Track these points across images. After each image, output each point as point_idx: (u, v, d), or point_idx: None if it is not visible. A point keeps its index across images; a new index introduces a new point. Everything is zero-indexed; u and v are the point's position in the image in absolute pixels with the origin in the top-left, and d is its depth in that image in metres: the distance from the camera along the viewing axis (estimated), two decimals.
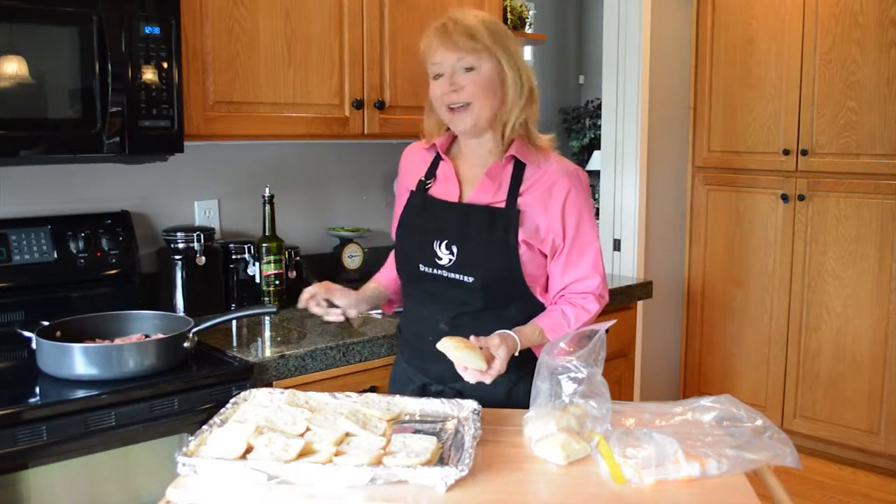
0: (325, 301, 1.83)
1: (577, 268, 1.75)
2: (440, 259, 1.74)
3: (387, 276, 1.96)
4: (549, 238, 1.73)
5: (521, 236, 1.70)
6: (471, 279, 1.72)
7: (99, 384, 1.75)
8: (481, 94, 1.68)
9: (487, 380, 1.57)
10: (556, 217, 1.72)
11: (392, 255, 1.94)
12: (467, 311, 1.74)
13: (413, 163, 1.89)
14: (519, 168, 1.74)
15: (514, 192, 1.72)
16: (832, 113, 3.58)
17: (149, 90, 2.00)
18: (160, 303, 2.34)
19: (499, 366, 1.57)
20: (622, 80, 3.85)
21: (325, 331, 2.24)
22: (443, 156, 1.81)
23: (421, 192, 1.81)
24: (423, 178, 1.82)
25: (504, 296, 1.74)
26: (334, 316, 1.83)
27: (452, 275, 1.73)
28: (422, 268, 1.77)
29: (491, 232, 1.71)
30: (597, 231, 1.79)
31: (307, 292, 1.84)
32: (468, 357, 1.55)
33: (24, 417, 1.63)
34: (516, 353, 1.65)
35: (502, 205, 1.72)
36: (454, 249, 1.72)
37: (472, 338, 1.59)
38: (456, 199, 1.77)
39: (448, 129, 1.81)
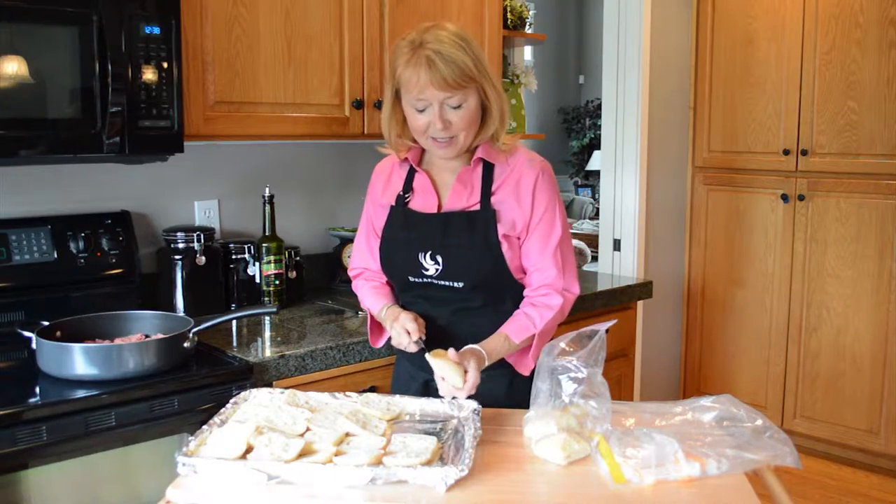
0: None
1: (538, 257, 1.75)
2: (427, 270, 1.76)
3: (386, 297, 1.89)
4: (523, 235, 1.75)
5: (500, 234, 1.72)
6: (460, 284, 1.75)
7: (99, 384, 1.75)
8: (468, 126, 1.69)
9: (462, 395, 1.59)
10: (528, 205, 1.74)
11: (362, 283, 1.93)
12: (464, 308, 1.77)
13: (388, 179, 1.88)
14: (488, 169, 1.76)
15: (486, 192, 1.74)
16: (832, 113, 3.58)
17: (149, 90, 2.00)
18: (160, 303, 2.35)
19: (472, 379, 1.59)
20: (622, 80, 3.85)
21: (325, 331, 2.24)
22: (417, 168, 1.82)
23: (401, 206, 1.82)
24: (401, 193, 1.83)
25: (497, 292, 1.77)
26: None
27: (442, 282, 1.76)
28: (411, 279, 1.79)
29: (471, 235, 1.73)
30: (563, 223, 1.78)
31: (406, 336, 1.71)
32: (448, 369, 1.58)
33: (24, 417, 1.63)
34: (486, 364, 1.67)
35: (477, 207, 1.74)
36: (439, 259, 1.74)
37: (450, 351, 1.61)
38: (435, 209, 1.78)
39: (412, 142, 1.80)
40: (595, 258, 4.06)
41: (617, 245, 3.95)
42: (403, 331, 1.71)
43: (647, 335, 3.97)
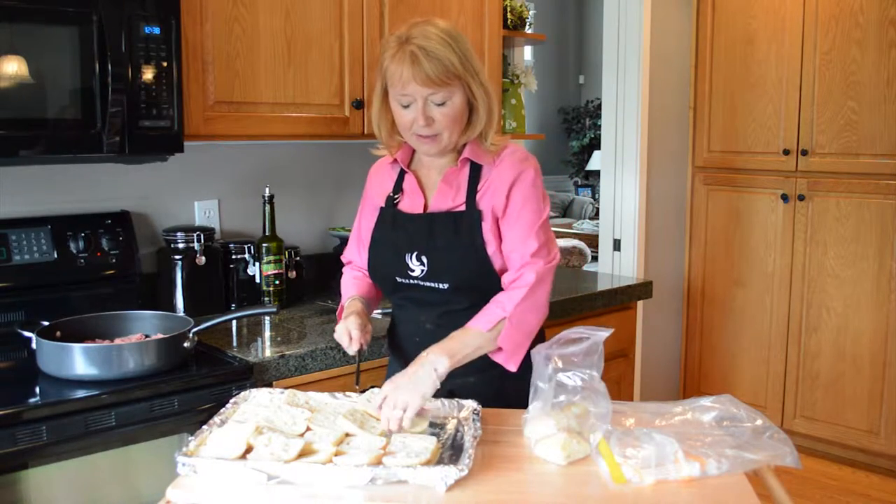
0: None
1: (516, 241, 1.69)
2: (413, 271, 1.75)
3: (359, 288, 1.90)
4: (502, 216, 1.72)
5: (485, 234, 1.71)
6: (445, 286, 1.74)
7: (99, 384, 1.75)
8: (452, 124, 1.68)
9: (390, 423, 1.48)
10: (502, 199, 1.71)
11: (347, 271, 1.96)
12: (450, 311, 1.76)
13: (381, 180, 1.88)
14: (475, 169, 1.75)
15: (472, 193, 1.73)
16: (832, 113, 3.58)
17: (149, 90, 2.00)
18: (160, 303, 2.35)
19: (379, 401, 1.51)
20: (622, 80, 3.85)
21: (325, 331, 2.24)
22: (406, 169, 1.82)
23: (390, 207, 1.82)
24: (391, 194, 1.83)
25: (482, 294, 1.75)
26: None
27: (427, 283, 1.75)
28: (398, 280, 1.79)
29: (456, 236, 1.72)
30: (544, 210, 1.73)
31: (346, 339, 1.73)
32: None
33: (24, 417, 1.63)
34: (448, 362, 1.57)
35: (462, 207, 1.73)
36: (424, 260, 1.73)
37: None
38: (421, 210, 1.77)
39: (402, 140, 1.79)
40: (595, 258, 4.07)
41: (617, 245, 3.95)
42: (346, 332, 1.72)
43: (647, 335, 3.97)
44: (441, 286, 1.74)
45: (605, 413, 1.43)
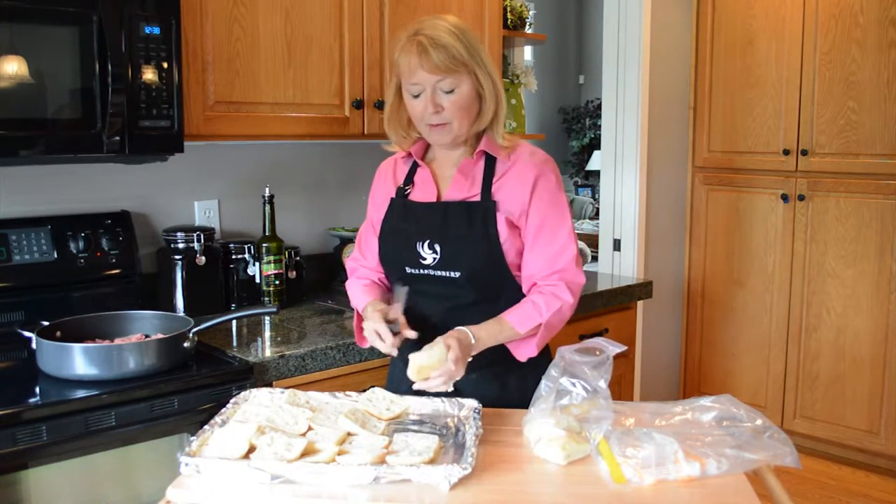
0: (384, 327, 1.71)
1: (549, 248, 1.74)
2: (424, 259, 1.76)
3: (373, 295, 1.89)
4: (523, 223, 1.75)
5: (500, 225, 1.72)
6: (457, 274, 1.74)
7: (99, 384, 1.75)
8: (461, 113, 1.71)
9: (437, 378, 1.58)
10: (526, 202, 1.74)
11: (353, 282, 1.93)
12: (458, 305, 1.77)
13: (390, 175, 1.90)
14: (490, 161, 1.77)
15: (487, 184, 1.75)
16: (832, 113, 3.58)
17: (149, 90, 2.00)
18: (160, 303, 2.35)
19: (453, 354, 1.58)
20: (622, 80, 3.85)
21: (325, 331, 2.24)
22: (420, 162, 1.83)
23: (401, 198, 1.83)
24: (401, 186, 1.84)
25: (492, 287, 1.76)
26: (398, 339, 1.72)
27: (439, 272, 1.76)
28: (408, 270, 1.79)
29: (470, 226, 1.73)
30: (568, 216, 1.78)
31: (377, 340, 1.70)
32: (421, 356, 1.57)
33: (24, 417, 1.63)
34: (473, 352, 1.65)
35: (477, 198, 1.75)
36: (437, 248, 1.75)
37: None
38: (434, 200, 1.79)
39: (418, 136, 1.82)
40: (595, 258, 4.06)
41: (617, 245, 3.95)
42: (374, 333, 1.69)
43: (647, 335, 3.97)
44: (453, 275, 1.74)
45: (606, 413, 1.43)
